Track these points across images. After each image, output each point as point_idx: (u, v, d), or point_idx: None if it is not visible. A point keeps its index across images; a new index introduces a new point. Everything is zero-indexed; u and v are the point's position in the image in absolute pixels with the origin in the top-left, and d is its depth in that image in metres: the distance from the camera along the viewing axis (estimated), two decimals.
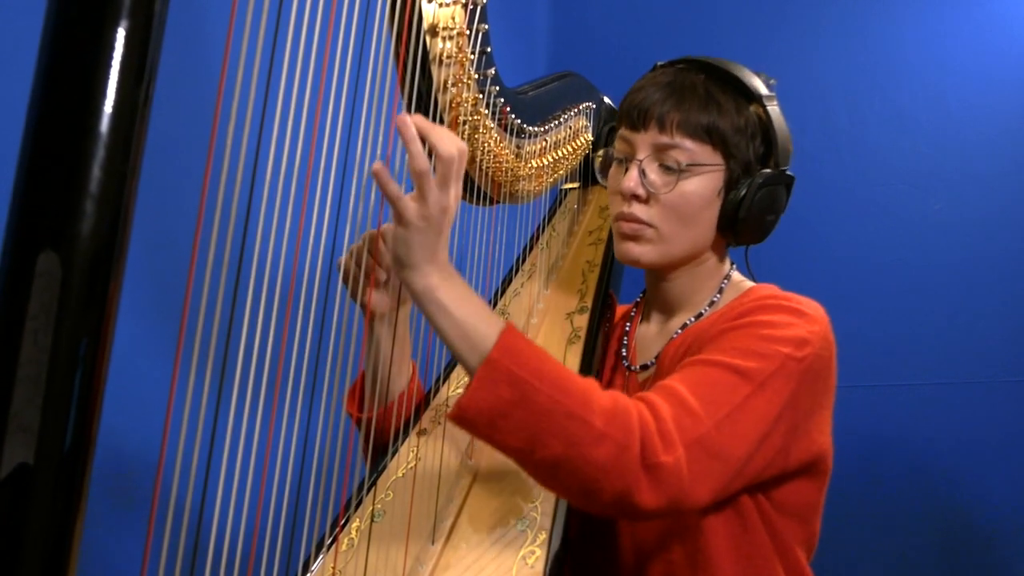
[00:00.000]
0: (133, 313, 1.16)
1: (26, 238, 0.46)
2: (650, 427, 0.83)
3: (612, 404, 0.83)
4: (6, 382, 0.45)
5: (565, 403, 0.81)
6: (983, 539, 1.92)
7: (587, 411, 0.81)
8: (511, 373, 0.80)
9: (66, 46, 0.47)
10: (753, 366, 0.90)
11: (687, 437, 0.84)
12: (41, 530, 0.46)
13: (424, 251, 0.82)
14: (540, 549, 0.88)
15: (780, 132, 1.05)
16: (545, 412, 0.80)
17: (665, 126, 1.02)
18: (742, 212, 1.03)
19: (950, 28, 2.09)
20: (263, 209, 0.67)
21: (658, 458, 0.82)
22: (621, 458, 0.81)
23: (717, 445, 0.85)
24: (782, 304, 0.98)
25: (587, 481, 0.81)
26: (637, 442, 0.82)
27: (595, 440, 0.80)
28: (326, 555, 0.93)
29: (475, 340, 0.82)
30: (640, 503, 0.82)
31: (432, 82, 0.96)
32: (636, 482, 0.81)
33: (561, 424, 0.80)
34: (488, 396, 0.80)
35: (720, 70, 1.06)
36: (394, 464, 1.03)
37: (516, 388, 0.80)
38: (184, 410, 0.58)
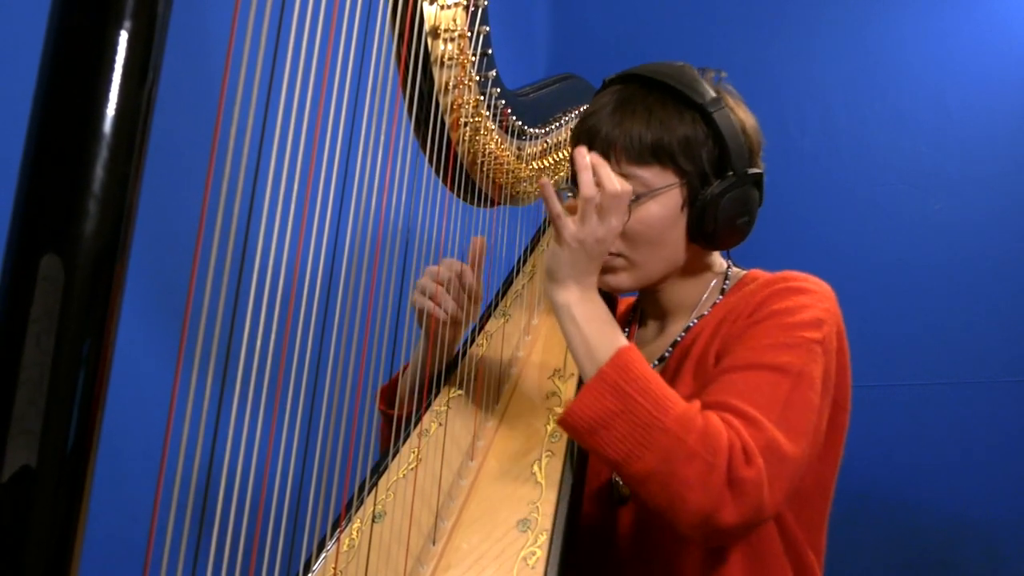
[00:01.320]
0: (135, 315, 1.16)
1: (29, 241, 0.46)
2: (736, 444, 0.84)
3: (706, 424, 0.85)
4: (9, 384, 0.45)
5: (663, 420, 0.84)
6: (982, 539, 1.93)
7: (682, 429, 0.83)
8: (618, 386, 0.86)
9: (69, 47, 0.47)
10: (786, 359, 0.92)
11: (759, 446, 0.85)
12: (44, 532, 0.46)
13: (572, 269, 0.92)
14: (541, 550, 0.88)
15: (731, 134, 1.00)
16: (643, 425, 0.84)
17: (611, 156, 1.00)
18: (707, 225, 1.01)
19: (950, 28, 2.09)
20: (265, 210, 0.67)
21: (740, 472, 0.83)
22: (709, 477, 0.82)
23: (782, 447, 0.86)
24: (791, 287, 0.99)
25: (674, 496, 0.83)
26: (724, 460, 0.83)
27: (687, 458, 0.82)
28: (327, 555, 0.93)
29: (595, 354, 0.90)
30: (723, 520, 0.82)
31: (433, 84, 0.96)
32: (720, 499, 0.82)
33: (656, 439, 0.83)
34: (594, 405, 0.86)
35: (659, 83, 1.02)
36: (395, 465, 1.04)
37: (620, 400, 0.85)
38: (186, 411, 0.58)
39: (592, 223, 0.91)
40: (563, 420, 0.88)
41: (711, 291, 1.10)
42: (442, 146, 1.01)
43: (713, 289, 1.10)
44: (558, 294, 0.94)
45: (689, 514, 0.83)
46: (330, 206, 0.77)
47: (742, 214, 1.03)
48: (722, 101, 1.01)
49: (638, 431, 0.84)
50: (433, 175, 1.03)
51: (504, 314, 1.24)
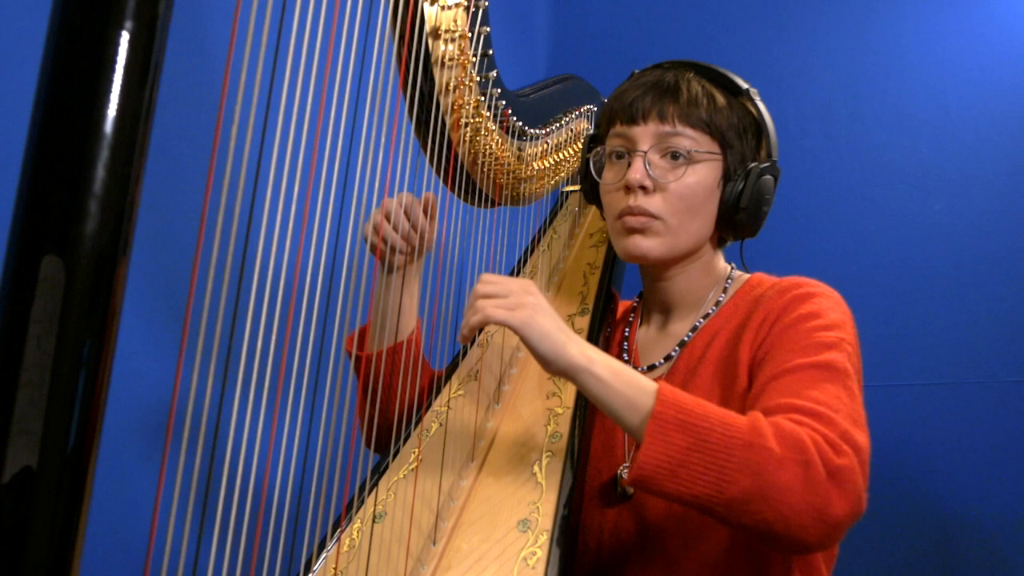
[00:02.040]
0: (136, 316, 1.16)
1: (30, 241, 0.46)
2: (818, 438, 0.83)
3: (778, 428, 0.83)
4: (9, 386, 0.45)
5: (739, 436, 0.81)
6: (983, 539, 1.93)
7: (762, 438, 0.81)
8: (679, 421, 0.82)
9: (70, 48, 0.47)
10: (827, 357, 0.92)
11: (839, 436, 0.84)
12: (45, 533, 0.46)
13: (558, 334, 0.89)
14: (541, 550, 0.88)
15: (770, 125, 1.08)
16: (723, 449, 0.81)
17: (666, 117, 1.03)
18: (743, 203, 1.05)
19: (950, 29, 2.09)
20: (266, 210, 0.67)
21: (835, 462, 0.82)
22: (808, 475, 0.80)
23: (854, 438, 0.85)
24: (808, 292, 1.01)
25: (783, 509, 0.80)
26: (816, 455, 0.81)
27: (778, 464, 0.80)
28: (328, 555, 0.93)
29: (637, 403, 0.85)
30: (836, 514, 0.81)
31: (434, 84, 0.96)
32: (826, 495, 0.81)
33: (742, 457, 0.80)
34: (663, 447, 0.81)
35: (706, 68, 1.09)
36: (395, 465, 1.04)
37: (688, 432, 0.81)
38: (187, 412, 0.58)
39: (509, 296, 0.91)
40: (637, 475, 0.82)
41: (716, 290, 1.10)
42: (443, 147, 1.01)
43: (717, 289, 1.10)
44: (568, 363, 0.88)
45: (802, 518, 0.80)
46: (331, 206, 0.77)
47: (766, 202, 1.07)
48: (759, 95, 1.09)
49: (720, 456, 0.80)
50: (434, 175, 1.03)
51: None
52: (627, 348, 1.15)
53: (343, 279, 1.03)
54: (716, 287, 1.10)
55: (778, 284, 1.05)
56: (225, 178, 0.58)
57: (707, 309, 1.09)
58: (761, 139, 1.08)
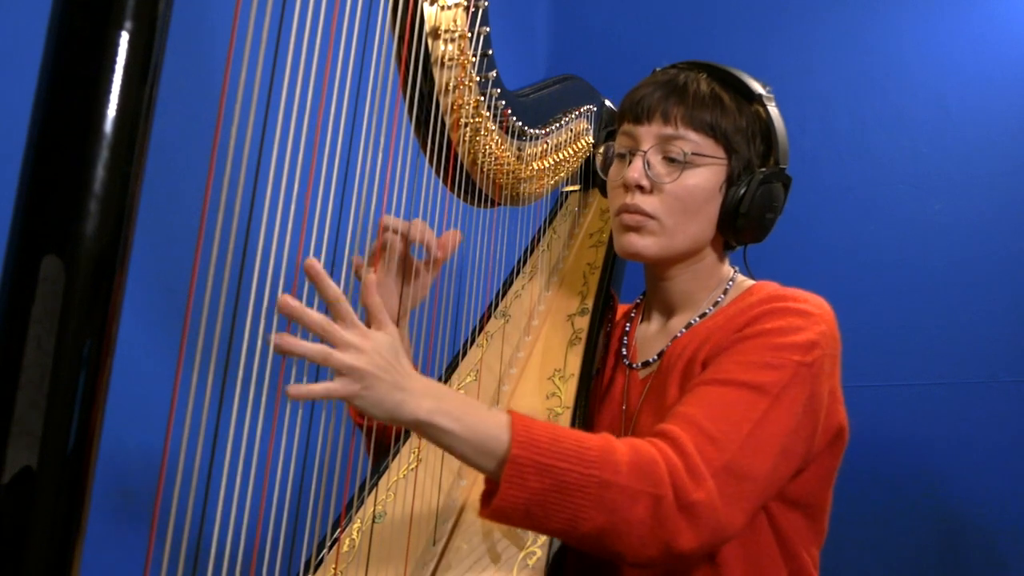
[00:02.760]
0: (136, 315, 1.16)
1: (30, 241, 0.46)
2: (677, 467, 0.83)
3: (636, 457, 0.83)
4: (10, 386, 0.45)
5: (595, 474, 0.81)
6: (983, 539, 1.92)
7: (617, 475, 0.81)
8: (536, 463, 0.80)
9: (70, 48, 0.47)
10: (766, 379, 0.91)
11: (713, 467, 0.85)
12: (45, 532, 0.46)
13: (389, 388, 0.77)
14: (540, 550, 0.88)
15: (780, 132, 1.07)
16: (578, 488, 0.80)
17: (669, 118, 1.03)
18: (743, 208, 1.04)
19: (950, 29, 2.09)
20: (266, 210, 0.67)
21: (691, 497, 0.82)
22: (658, 508, 0.81)
23: (744, 467, 0.86)
24: (788, 307, 0.98)
25: (632, 541, 0.82)
26: (669, 488, 0.82)
27: (631, 500, 0.81)
28: (328, 555, 0.93)
29: (489, 447, 0.81)
30: (681, 547, 0.82)
31: (434, 84, 0.96)
32: (675, 528, 0.82)
33: (597, 495, 0.80)
34: (520, 492, 0.80)
35: (721, 70, 1.08)
36: (395, 465, 1.04)
37: (545, 476, 0.80)
38: (187, 411, 0.58)
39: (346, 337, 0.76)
40: (493, 514, 0.81)
41: (716, 292, 1.10)
42: (442, 147, 1.01)
43: (717, 292, 1.10)
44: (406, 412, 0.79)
45: (649, 551, 0.82)
46: (331, 206, 0.77)
47: (771, 209, 1.07)
48: (773, 100, 1.08)
49: (575, 496, 0.80)
50: (433, 175, 1.03)
51: (504, 315, 1.24)
52: (627, 344, 1.16)
53: (343, 278, 1.03)
54: (717, 289, 1.10)
55: (770, 293, 1.03)
56: (225, 178, 0.58)
57: (704, 309, 1.09)
58: (771, 145, 1.07)
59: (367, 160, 0.82)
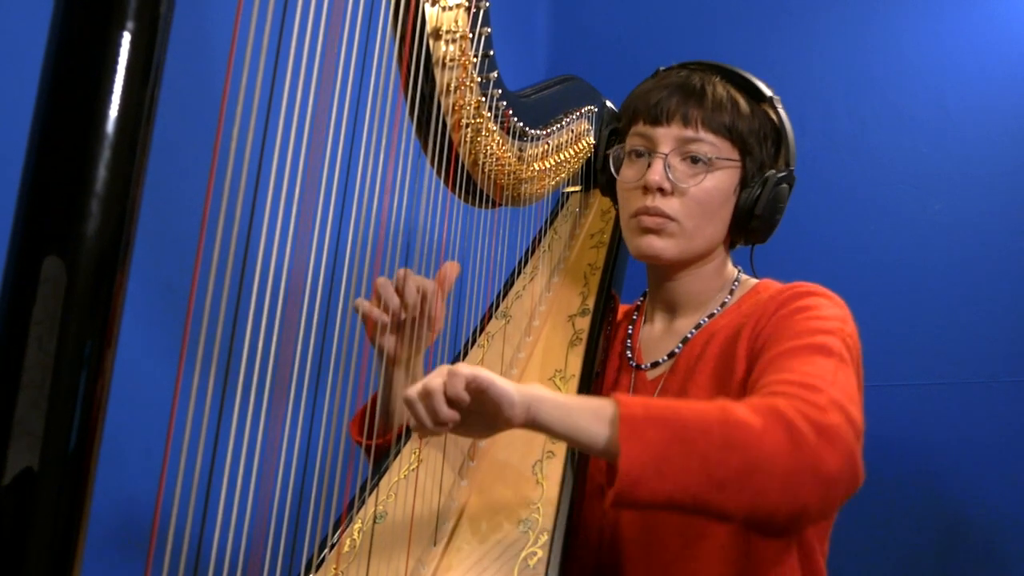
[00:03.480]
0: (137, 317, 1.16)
1: (31, 242, 0.46)
2: (798, 404, 0.82)
3: (750, 404, 0.82)
4: (11, 386, 0.45)
5: (712, 417, 0.79)
6: (983, 539, 1.92)
7: (737, 415, 0.80)
8: (649, 417, 0.78)
9: (71, 48, 0.47)
10: (824, 341, 0.92)
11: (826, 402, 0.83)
12: (46, 534, 0.46)
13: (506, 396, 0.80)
14: (541, 550, 0.88)
15: (790, 133, 1.09)
16: (701, 433, 0.78)
17: (689, 121, 1.04)
18: (758, 210, 1.06)
19: (950, 29, 2.09)
20: (267, 211, 0.67)
21: (824, 419, 0.81)
22: (793, 436, 0.79)
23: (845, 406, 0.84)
24: (809, 291, 1.01)
25: (776, 473, 0.78)
26: (798, 417, 0.80)
27: (760, 435, 0.79)
28: (329, 556, 0.93)
29: (601, 414, 0.80)
30: (830, 469, 0.79)
31: (435, 85, 0.96)
32: (816, 450, 0.79)
33: (721, 435, 0.78)
34: (641, 447, 0.77)
35: (731, 72, 1.09)
36: (396, 466, 1.04)
37: (662, 426, 0.78)
38: (188, 412, 0.58)
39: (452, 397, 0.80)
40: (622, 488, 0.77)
41: (723, 292, 1.10)
42: (443, 147, 1.01)
43: (724, 290, 1.10)
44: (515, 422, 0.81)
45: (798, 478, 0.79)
46: (332, 207, 0.77)
47: (780, 210, 1.08)
48: (780, 101, 1.09)
49: (700, 441, 0.77)
50: (435, 176, 1.03)
51: (505, 315, 1.24)
52: (630, 346, 1.15)
53: (344, 279, 1.03)
54: (723, 289, 1.11)
55: (782, 288, 1.05)
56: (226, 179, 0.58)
57: (712, 309, 1.09)
58: (780, 146, 1.09)
59: (368, 160, 0.82)
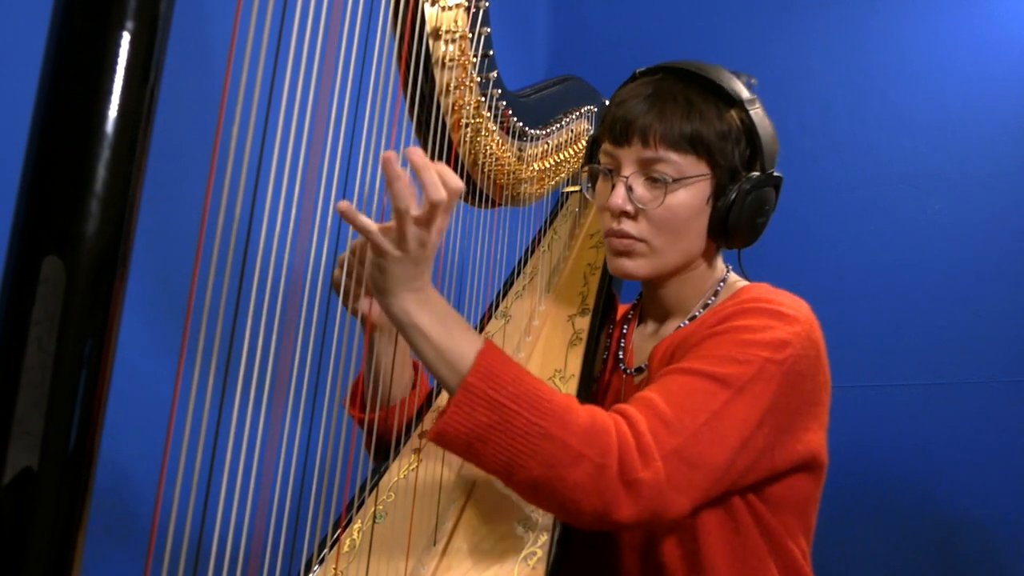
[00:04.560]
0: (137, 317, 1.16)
1: (31, 242, 0.46)
2: (629, 443, 0.83)
3: (591, 422, 0.83)
4: (10, 386, 0.45)
5: (542, 425, 0.81)
6: (981, 539, 1.93)
7: (565, 432, 0.81)
8: (489, 397, 0.81)
9: (71, 48, 0.47)
10: (731, 371, 0.90)
11: (664, 449, 0.84)
12: (45, 533, 0.46)
13: (399, 279, 0.81)
14: (541, 550, 0.88)
15: (764, 134, 1.04)
16: (522, 435, 0.80)
17: (648, 140, 1.01)
18: (732, 218, 1.03)
19: (950, 29, 2.09)
20: (267, 211, 0.67)
21: (637, 474, 0.82)
22: (599, 477, 0.81)
23: (695, 454, 0.86)
24: (762, 307, 0.97)
25: (566, 500, 0.82)
26: (615, 460, 0.82)
27: (573, 461, 0.81)
28: (328, 555, 0.93)
29: (454, 362, 0.83)
30: (619, 518, 0.83)
31: (435, 85, 0.96)
32: (615, 499, 0.82)
33: (539, 446, 0.80)
34: (466, 420, 0.81)
35: (699, 77, 1.04)
36: (396, 465, 1.04)
37: (494, 412, 0.81)
38: (188, 412, 0.58)
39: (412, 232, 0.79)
40: (435, 437, 0.83)
41: (707, 296, 1.10)
42: (443, 147, 1.01)
43: (709, 294, 1.10)
44: (391, 305, 0.82)
45: (584, 515, 0.83)
46: (332, 206, 0.77)
47: (761, 213, 1.05)
48: (757, 102, 1.05)
49: (518, 440, 0.80)
50: None
51: (505, 315, 1.24)
52: (624, 348, 1.16)
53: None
54: (708, 293, 1.10)
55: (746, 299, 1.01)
56: (226, 178, 0.58)
57: (693, 313, 1.09)
58: (755, 149, 1.04)
59: (368, 161, 0.82)
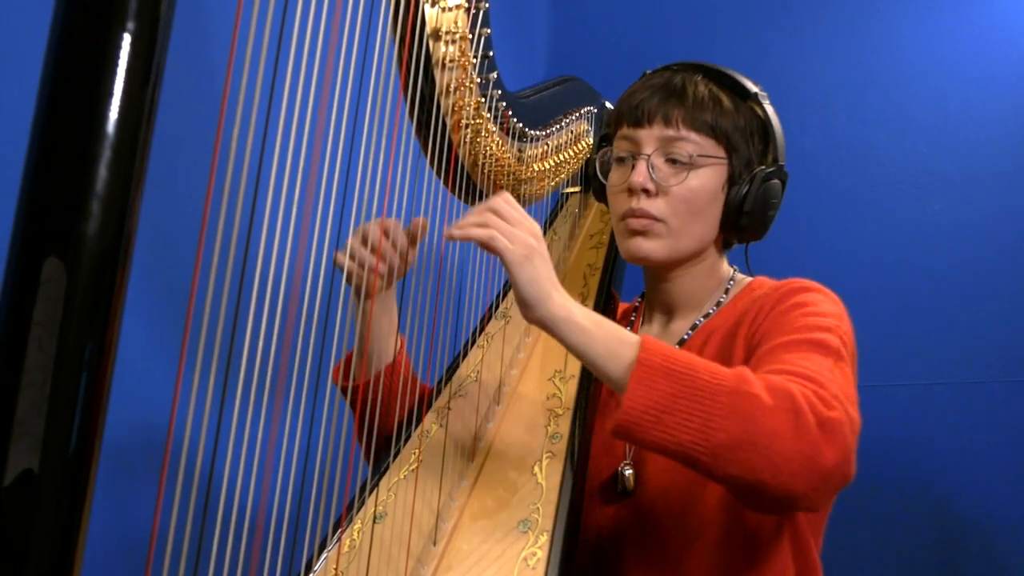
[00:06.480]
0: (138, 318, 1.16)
1: (31, 243, 0.46)
2: (808, 391, 0.83)
3: (766, 380, 0.83)
4: (11, 388, 0.45)
5: (727, 383, 0.80)
6: (982, 539, 1.93)
7: (750, 386, 0.81)
8: (665, 368, 0.81)
9: (71, 48, 0.47)
10: (822, 338, 0.92)
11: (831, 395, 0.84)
12: (46, 536, 0.46)
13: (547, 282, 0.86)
14: (542, 551, 0.88)
15: (777, 129, 1.08)
16: (710, 394, 0.79)
17: (671, 120, 1.04)
18: (747, 206, 1.05)
19: (950, 29, 2.09)
20: (267, 212, 0.67)
21: (827, 414, 0.81)
22: (798, 423, 0.80)
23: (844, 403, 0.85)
24: (807, 286, 1.01)
25: (772, 453, 0.79)
26: (806, 405, 0.81)
27: (767, 412, 0.80)
28: (328, 556, 0.93)
29: (620, 352, 0.83)
30: (825, 462, 0.80)
31: (435, 86, 0.96)
32: (815, 442, 0.80)
33: (730, 403, 0.79)
34: (649, 393, 0.80)
35: (714, 71, 1.09)
36: (396, 465, 1.04)
37: (675, 379, 0.80)
38: (188, 413, 0.58)
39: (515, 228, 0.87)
40: (623, 420, 0.81)
41: (718, 292, 1.10)
42: (443, 148, 1.01)
43: (719, 290, 1.10)
44: (549, 311, 0.85)
45: (792, 465, 0.79)
46: (332, 208, 0.77)
47: (772, 207, 1.08)
48: (768, 98, 1.09)
49: (707, 402, 0.79)
50: (434, 177, 1.03)
51: (505, 315, 1.24)
52: None
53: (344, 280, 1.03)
54: (718, 289, 1.11)
55: (777, 284, 1.05)
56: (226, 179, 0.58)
57: (707, 309, 1.09)
58: (768, 143, 1.08)
59: (368, 161, 0.82)
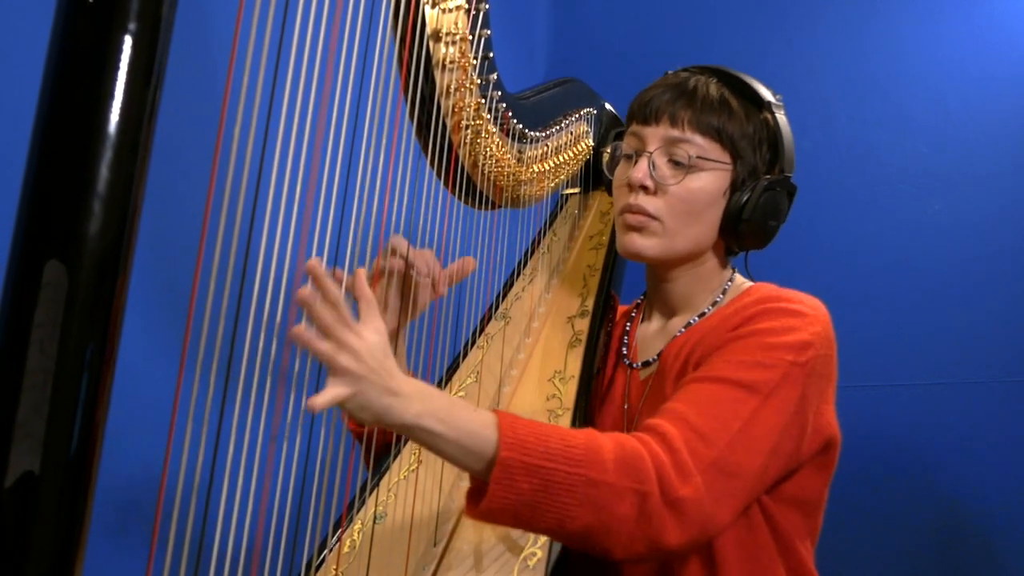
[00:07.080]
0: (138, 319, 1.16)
1: (33, 245, 0.46)
2: (664, 463, 0.84)
3: (622, 453, 0.83)
4: (12, 390, 0.45)
5: (581, 472, 0.81)
6: (982, 539, 1.93)
7: (604, 472, 0.82)
8: (524, 465, 0.80)
9: (73, 50, 0.47)
10: (758, 377, 0.91)
11: (702, 463, 0.85)
12: (47, 537, 0.46)
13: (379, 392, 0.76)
14: (541, 551, 0.89)
15: (787, 140, 1.08)
16: (566, 489, 0.81)
17: (677, 121, 1.04)
18: (746, 214, 1.04)
19: (950, 29, 2.09)
20: (268, 213, 0.67)
21: (678, 493, 0.83)
22: (645, 506, 0.82)
23: (732, 464, 0.86)
24: (782, 307, 0.98)
25: (620, 539, 0.82)
26: (655, 485, 0.82)
27: (617, 497, 0.81)
28: (329, 556, 0.93)
29: (478, 448, 0.80)
30: (668, 543, 0.83)
31: (435, 87, 0.96)
32: (661, 524, 0.82)
33: (583, 494, 0.81)
34: (509, 494, 0.80)
35: (731, 76, 1.09)
36: (396, 466, 1.04)
37: (534, 477, 0.80)
38: (189, 414, 0.59)
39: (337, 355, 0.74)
40: (483, 515, 0.82)
41: (715, 294, 1.10)
42: (443, 149, 1.01)
43: (716, 293, 1.10)
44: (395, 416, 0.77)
45: (636, 546, 0.83)
46: (333, 207, 0.77)
47: (774, 217, 1.07)
48: (783, 108, 1.08)
49: (563, 495, 0.80)
50: (434, 178, 1.03)
51: (504, 316, 1.24)
52: (627, 343, 1.16)
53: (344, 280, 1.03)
54: (717, 291, 1.11)
55: (762, 298, 1.02)
56: (227, 180, 0.58)
57: (703, 309, 1.09)
58: (777, 153, 1.08)
59: (369, 162, 0.82)
